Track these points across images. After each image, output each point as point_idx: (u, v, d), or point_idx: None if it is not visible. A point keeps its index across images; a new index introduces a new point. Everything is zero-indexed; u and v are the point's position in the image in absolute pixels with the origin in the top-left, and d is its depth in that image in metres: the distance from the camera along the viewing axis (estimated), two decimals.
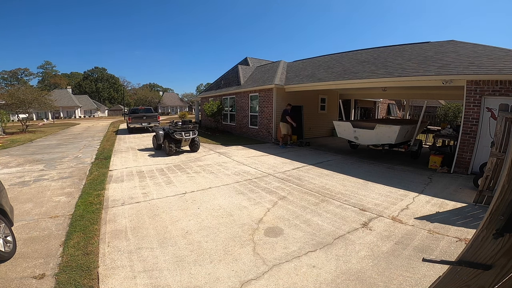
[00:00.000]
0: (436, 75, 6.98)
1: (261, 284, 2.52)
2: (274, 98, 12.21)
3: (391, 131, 7.75)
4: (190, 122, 9.42)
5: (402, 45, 10.95)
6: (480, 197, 4.43)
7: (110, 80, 76.36)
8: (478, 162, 6.29)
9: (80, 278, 2.58)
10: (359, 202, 4.63)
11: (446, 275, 1.24)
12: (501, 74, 5.91)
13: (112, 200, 4.75)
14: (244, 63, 19.47)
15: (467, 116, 6.46)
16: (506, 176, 1.00)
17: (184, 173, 6.61)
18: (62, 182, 5.90)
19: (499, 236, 1.01)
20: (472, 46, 8.05)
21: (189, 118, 29.24)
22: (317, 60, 14.38)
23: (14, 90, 19.22)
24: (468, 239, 2.01)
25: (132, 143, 12.16)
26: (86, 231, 3.53)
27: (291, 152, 9.81)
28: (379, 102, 21.83)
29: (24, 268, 2.72)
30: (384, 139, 7.97)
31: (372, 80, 8.69)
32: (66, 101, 49.23)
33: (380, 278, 2.58)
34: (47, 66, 72.35)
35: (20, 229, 3.56)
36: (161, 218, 3.99)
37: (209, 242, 3.29)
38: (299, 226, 3.73)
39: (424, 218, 3.96)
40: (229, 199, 4.79)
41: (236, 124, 15.87)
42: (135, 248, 3.14)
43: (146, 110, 18.69)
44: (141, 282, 2.55)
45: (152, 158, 8.58)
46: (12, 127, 21.09)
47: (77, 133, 18.35)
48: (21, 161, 8.31)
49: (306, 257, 2.97)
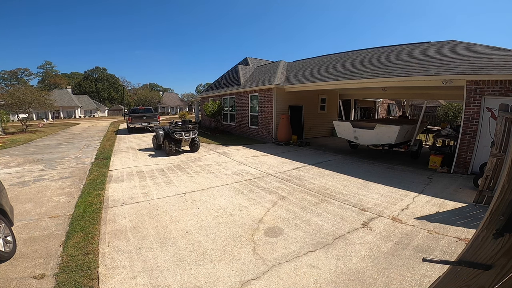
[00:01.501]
0: (436, 75, 6.99)
1: (261, 284, 2.52)
2: (274, 98, 12.22)
3: (391, 131, 7.73)
4: (190, 122, 9.43)
5: (402, 45, 10.95)
6: (480, 197, 4.43)
7: (110, 80, 76.36)
8: (478, 162, 6.29)
9: (80, 278, 2.58)
10: (359, 202, 4.63)
11: (446, 275, 1.24)
12: (501, 74, 5.91)
13: (112, 200, 4.75)
14: (244, 63, 19.47)
15: (467, 116, 6.46)
16: (506, 176, 1.00)
17: (184, 173, 6.61)
18: (62, 182, 5.90)
19: (499, 236, 1.01)
20: (472, 46, 8.05)
21: (189, 118, 29.24)
22: (317, 60, 14.39)
23: (14, 90, 19.22)
24: (468, 239, 2.01)
25: (132, 143, 12.16)
26: (86, 231, 3.53)
27: (291, 152, 9.81)
28: (379, 102, 21.84)
29: (24, 268, 2.72)
30: (384, 139, 7.96)
31: (372, 80, 8.69)
32: (66, 101, 49.23)
33: (380, 278, 2.58)
34: (47, 66, 72.40)
35: (20, 229, 3.56)
36: (161, 218, 3.99)
37: (209, 242, 3.30)
38: (299, 226, 3.73)
39: (424, 218, 3.96)
40: (229, 199, 4.79)
41: (236, 124, 15.87)
42: (135, 248, 3.14)
43: (146, 110, 18.69)
44: (141, 282, 2.55)
45: (152, 158, 8.58)
46: (12, 127, 21.09)
47: (77, 133, 18.35)
48: (21, 161, 8.31)
49: (306, 257, 2.97)
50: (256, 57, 20.72)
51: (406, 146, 8.48)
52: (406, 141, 8.59)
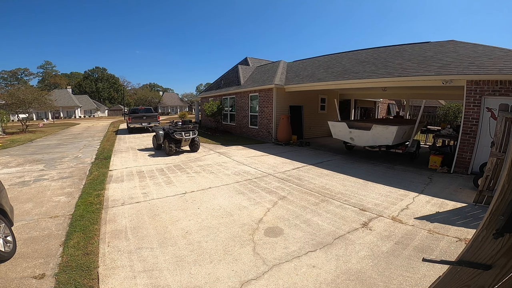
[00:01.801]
0: (436, 75, 6.99)
1: (261, 284, 2.52)
2: (274, 98, 12.22)
3: (388, 132, 7.49)
4: (190, 122, 9.43)
5: (402, 45, 10.96)
6: (480, 197, 4.43)
7: (110, 80, 76.34)
8: (478, 162, 6.29)
9: (80, 278, 2.58)
10: (359, 202, 4.63)
11: (446, 275, 1.24)
12: (501, 74, 5.91)
13: (112, 200, 4.75)
14: (244, 63, 19.48)
15: (467, 116, 6.46)
16: (506, 176, 1.00)
17: (184, 173, 6.61)
18: (62, 182, 5.90)
19: (499, 236, 1.01)
20: (472, 46, 8.05)
21: (189, 118, 29.24)
22: (317, 60, 14.39)
23: (14, 90, 19.22)
24: (468, 239, 2.01)
25: (132, 143, 12.16)
26: (86, 231, 3.53)
27: (291, 152, 9.81)
28: (379, 102, 21.84)
29: (24, 268, 2.72)
30: (381, 140, 7.75)
31: (372, 80, 8.69)
32: (66, 101, 49.23)
33: (380, 278, 2.58)
34: (47, 66, 72.42)
35: (20, 229, 3.56)
36: (161, 218, 3.99)
37: (209, 242, 3.30)
38: (299, 226, 3.73)
39: (424, 218, 3.96)
40: (229, 199, 4.79)
41: (236, 124, 15.87)
42: (135, 248, 3.14)
43: (146, 110, 18.70)
44: (141, 282, 2.55)
45: (152, 158, 8.58)
46: (12, 127, 21.09)
47: (77, 133, 18.35)
48: (21, 161, 8.31)
49: (306, 257, 2.97)
50: (256, 57, 20.75)
51: (404, 147, 8.23)
52: (404, 142, 8.43)
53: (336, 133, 9.08)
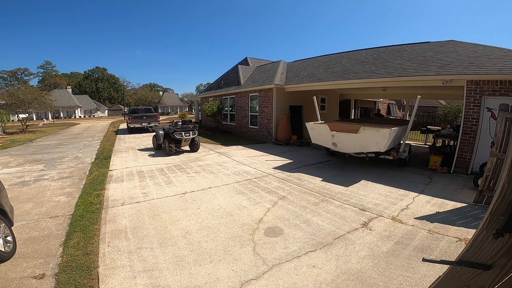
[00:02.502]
0: (436, 75, 6.99)
1: (261, 284, 2.52)
2: (274, 98, 12.21)
3: (379, 135, 6.11)
4: (190, 122, 9.43)
5: (402, 45, 10.95)
6: (480, 197, 4.43)
7: (110, 80, 76.31)
8: (478, 162, 6.29)
9: (80, 278, 2.58)
10: (359, 202, 4.63)
11: (446, 275, 1.24)
12: (501, 74, 5.91)
13: (112, 200, 4.75)
14: (244, 63, 19.47)
15: (467, 116, 6.47)
16: (506, 176, 1.00)
17: (184, 173, 6.61)
18: (62, 182, 5.90)
19: (499, 236, 1.01)
20: (472, 46, 8.05)
21: (189, 118, 29.24)
22: (317, 60, 14.39)
23: (14, 90, 19.22)
24: (468, 239, 2.01)
25: (132, 143, 12.16)
26: (86, 231, 3.53)
27: (291, 152, 9.81)
28: (379, 102, 21.85)
29: (24, 268, 2.72)
30: (371, 146, 6.32)
31: (372, 80, 8.69)
32: (66, 101, 49.21)
33: (380, 278, 2.58)
34: (47, 66, 72.41)
35: (20, 229, 3.56)
36: (161, 218, 3.99)
37: (209, 242, 3.29)
38: (299, 226, 3.73)
39: (424, 218, 3.96)
40: (229, 199, 4.79)
41: (236, 124, 15.86)
42: (135, 248, 3.14)
43: (146, 110, 18.70)
44: (141, 282, 2.55)
45: (152, 158, 8.58)
46: (12, 127, 21.08)
47: (77, 133, 18.35)
48: (21, 161, 8.31)
49: (306, 257, 2.97)
50: (256, 57, 20.73)
51: (395, 153, 6.80)
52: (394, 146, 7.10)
53: (316, 138, 7.47)
